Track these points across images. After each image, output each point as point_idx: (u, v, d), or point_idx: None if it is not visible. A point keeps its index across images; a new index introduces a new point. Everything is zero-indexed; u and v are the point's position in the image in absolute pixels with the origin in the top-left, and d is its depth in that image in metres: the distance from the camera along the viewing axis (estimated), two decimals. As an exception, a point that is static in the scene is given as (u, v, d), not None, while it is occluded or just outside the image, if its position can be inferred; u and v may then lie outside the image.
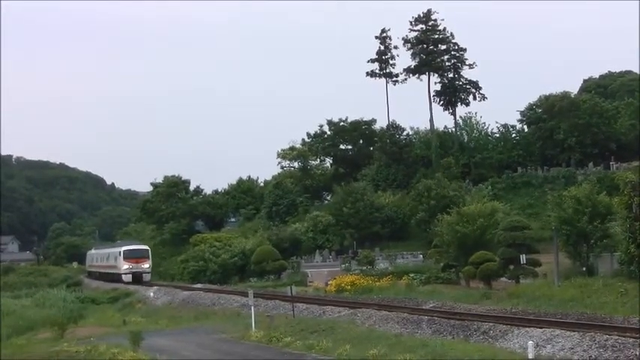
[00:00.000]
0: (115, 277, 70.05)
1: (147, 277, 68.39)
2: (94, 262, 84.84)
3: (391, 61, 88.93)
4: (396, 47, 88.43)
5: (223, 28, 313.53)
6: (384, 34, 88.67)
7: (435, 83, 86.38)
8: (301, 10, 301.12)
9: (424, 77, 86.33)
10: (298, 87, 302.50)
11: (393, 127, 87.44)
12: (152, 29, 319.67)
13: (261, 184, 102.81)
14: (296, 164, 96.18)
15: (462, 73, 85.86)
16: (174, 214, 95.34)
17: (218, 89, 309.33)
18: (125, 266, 67.74)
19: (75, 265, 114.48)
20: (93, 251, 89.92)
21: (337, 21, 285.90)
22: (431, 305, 29.76)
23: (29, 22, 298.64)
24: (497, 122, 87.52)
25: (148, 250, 71.89)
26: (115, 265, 70.85)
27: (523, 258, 37.39)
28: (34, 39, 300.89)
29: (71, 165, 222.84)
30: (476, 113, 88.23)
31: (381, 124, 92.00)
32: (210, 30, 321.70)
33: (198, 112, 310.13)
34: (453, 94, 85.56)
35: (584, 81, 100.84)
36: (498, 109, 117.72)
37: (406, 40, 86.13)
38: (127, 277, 67.08)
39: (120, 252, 69.68)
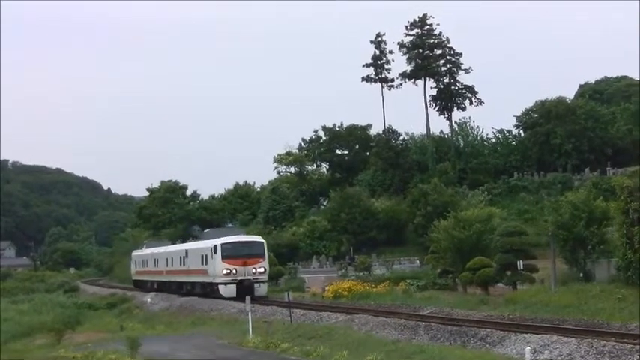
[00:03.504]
0: (201, 289, 46.35)
1: (262, 290, 42.89)
2: (150, 266, 59.72)
3: (386, 66, 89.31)
4: (391, 52, 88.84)
5: (224, 27, 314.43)
6: (379, 39, 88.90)
7: (431, 88, 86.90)
8: (301, 11, 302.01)
9: (420, 82, 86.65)
10: (296, 87, 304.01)
11: (389, 132, 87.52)
12: (151, 29, 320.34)
13: (258, 189, 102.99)
14: (292, 169, 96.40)
15: (458, 77, 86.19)
16: (171, 220, 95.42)
17: (217, 89, 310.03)
18: (225, 270, 41.97)
19: (72, 270, 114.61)
20: (146, 251, 62.92)
21: (337, 22, 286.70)
22: (428, 311, 29.75)
23: (26, 23, 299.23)
24: (493, 127, 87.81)
25: (262, 243, 44.97)
26: (203, 269, 45.29)
27: (520, 264, 37.35)
28: (32, 40, 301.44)
29: (68, 170, 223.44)
30: (470, 117, 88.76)
31: (377, 129, 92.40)
32: (211, 29, 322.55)
33: (195, 113, 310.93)
34: (448, 98, 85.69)
35: (580, 86, 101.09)
36: (495, 112, 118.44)
37: (402, 45, 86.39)
38: (228, 290, 41.76)
39: (214, 247, 43.27)
